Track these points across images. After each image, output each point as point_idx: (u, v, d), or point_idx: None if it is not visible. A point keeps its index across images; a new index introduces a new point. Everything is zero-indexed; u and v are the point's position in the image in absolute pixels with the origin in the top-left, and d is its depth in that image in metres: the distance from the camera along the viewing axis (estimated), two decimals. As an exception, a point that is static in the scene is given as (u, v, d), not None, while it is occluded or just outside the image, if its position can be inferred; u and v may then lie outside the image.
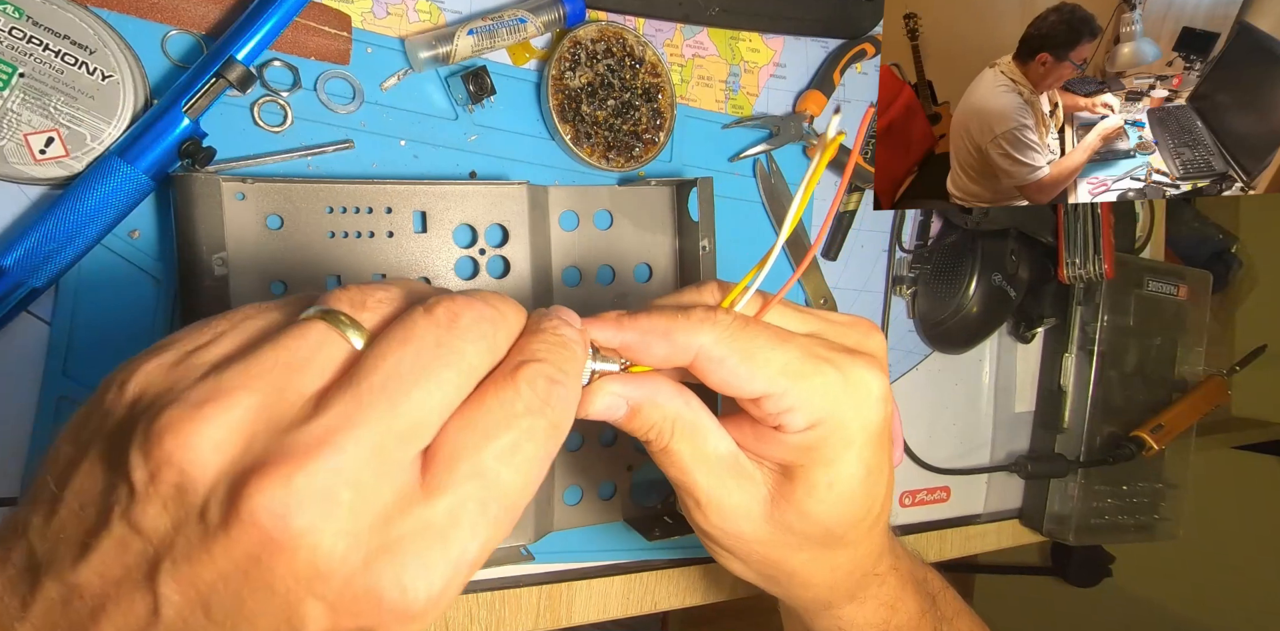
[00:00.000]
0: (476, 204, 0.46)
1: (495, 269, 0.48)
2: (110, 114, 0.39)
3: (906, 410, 0.69)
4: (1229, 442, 1.51)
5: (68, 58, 0.38)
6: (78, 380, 0.40)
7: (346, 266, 0.43)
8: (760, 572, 0.35)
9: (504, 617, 0.52)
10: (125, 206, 0.39)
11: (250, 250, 0.41)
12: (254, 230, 0.41)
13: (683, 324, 0.29)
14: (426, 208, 0.45)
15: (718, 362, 0.29)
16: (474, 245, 0.47)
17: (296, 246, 0.42)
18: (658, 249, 0.53)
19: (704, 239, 0.52)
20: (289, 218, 0.42)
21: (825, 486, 0.31)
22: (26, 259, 0.37)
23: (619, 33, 0.52)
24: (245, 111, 0.43)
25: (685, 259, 0.53)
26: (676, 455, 0.31)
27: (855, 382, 0.30)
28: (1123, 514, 0.79)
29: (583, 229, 0.51)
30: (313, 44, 0.44)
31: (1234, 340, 1.57)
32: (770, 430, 0.31)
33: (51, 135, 0.38)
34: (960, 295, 0.69)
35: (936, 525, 0.74)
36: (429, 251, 0.46)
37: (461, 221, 0.46)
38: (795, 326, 0.32)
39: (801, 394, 0.30)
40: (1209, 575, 1.60)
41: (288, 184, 0.42)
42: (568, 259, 0.51)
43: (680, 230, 0.53)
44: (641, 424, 0.31)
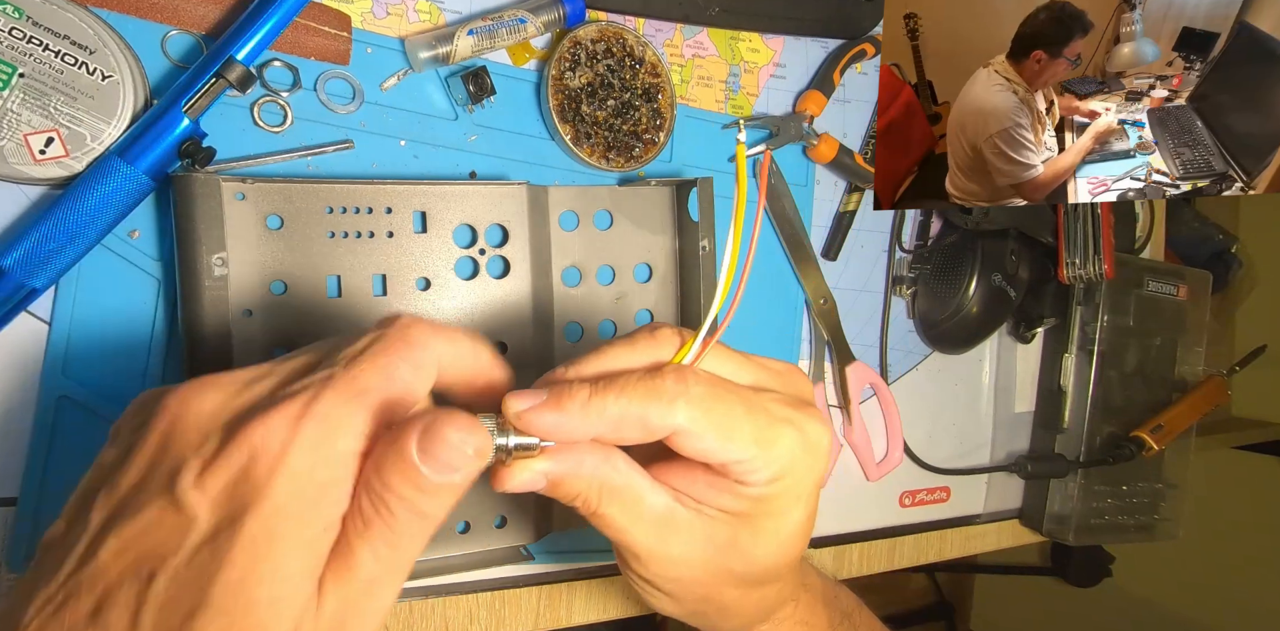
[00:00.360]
0: (476, 204, 0.46)
1: (495, 269, 0.48)
2: (110, 114, 0.39)
3: (906, 410, 0.69)
4: (1229, 443, 1.51)
5: (67, 58, 0.38)
6: (77, 380, 0.40)
7: (347, 266, 0.43)
8: (690, 609, 0.36)
9: (504, 617, 0.52)
10: (125, 207, 0.39)
11: (250, 250, 0.41)
12: (254, 230, 0.41)
13: (657, 407, 0.28)
14: (426, 208, 0.45)
15: (694, 438, 0.29)
16: (474, 245, 0.47)
17: (297, 246, 0.42)
18: (658, 249, 0.53)
19: (704, 239, 0.52)
20: (289, 218, 0.42)
21: (773, 533, 0.32)
22: (26, 259, 0.37)
23: (619, 33, 0.52)
24: (245, 111, 0.43)
25: (685, 259, 0.53)
26: (608, 518, 0.31)
27: (812, 441, 0.31)
28: (1122, 514, 0.79)
29: (583, 229, 0.51)
30: (313, 44, 0.44)
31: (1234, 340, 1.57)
32: (725, 481, 0.31)
33: (51, 135, 0.38)
34: (960, 295, 0.69)
35: (936, 525, 0.74)
36: (429, 251, 0.46)
37: (461, 221, 0.46)
38: (736, 374, 0.32)
39: (769, 457, 0.30)
40: (1209, 575, 1.60)
41: (287, 184, 0.42)
42: (568, 259, 0.51)
43: (680, 230, 0.53)
44: (566, 493, 0.30)
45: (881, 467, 0.68)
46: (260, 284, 0.41)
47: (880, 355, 0.68)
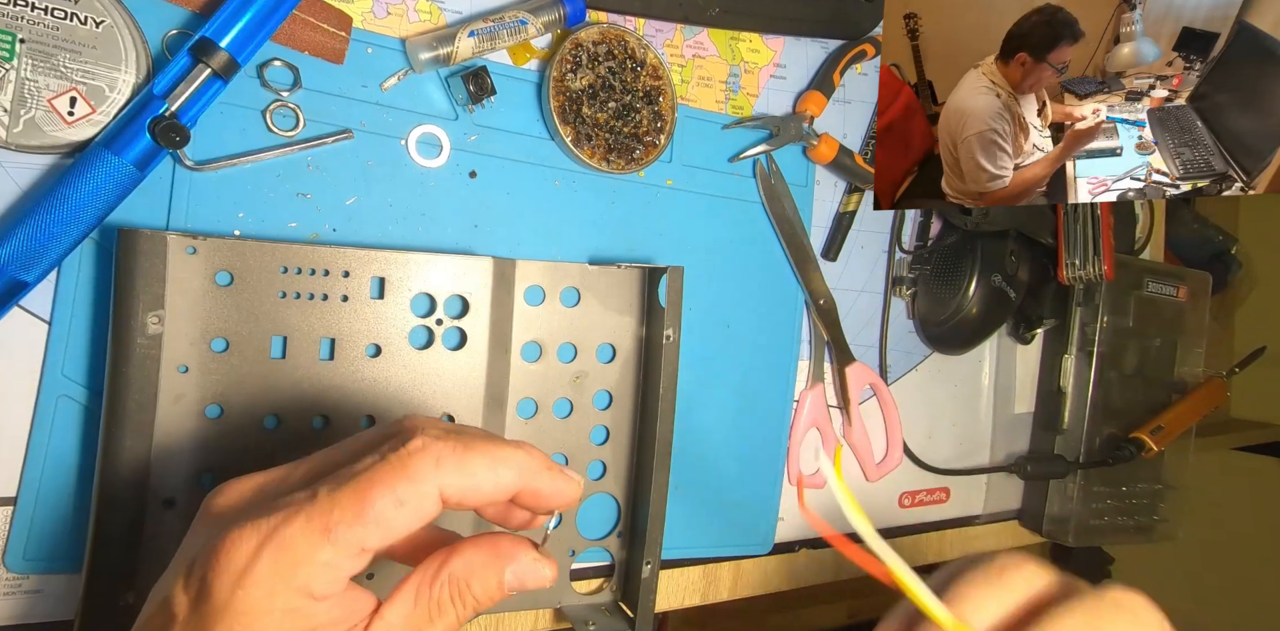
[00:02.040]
0: (439, 273, 0.46)
1: (451, 340, 0.47)
2: (117, 60, 0.39)
3: (906, 411, 0.69)
4: (1228, 444, 1.51)
5: (57, 13, 0.38)
6: (77, 380, 0.40)
7: (294, 327, 0.42)
8: None
9: (505, 617, 0.52)
10: (115, 197, 0.38)
11: (195, 305, 0.40)
12: (200, 285, 0.40)
13: None
14: (386, 274, 0.44)
15: None
16: (431, 315, 0.46)
17: (244, 303, 0.41)
18: (623, 331, 0.52)
19: (669, 328, 0.50)
20: (240, 275, 0.41)
21: None
22: (17, 254, 0.36)
23: (620, 35, 0.52)
24: (257, 115, 0.43)
25: (650, 345, 0.52)
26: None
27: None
28: (1122, 515, 0.79)
29: (548, 304, 0.50)
30: (309, 39, 0.44)
31: (1233, 341, 1.57)
32: None
33: (72, 94, 0.38)
34: (960, 296, 0.69)
35: (936, 526, 0.74)
36: (383, 318, 0.44)
37: (421, 290, 0.45)
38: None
39: None
40: (1208, 576, 1.60)
41: (242, 241, 0.41)
42: (529, 333, 0.49)
43: (648, 315, 0.52)
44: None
45: (881, 468, 0.68)
46: (200, 339, 0.40)
47: (880, 356, 0.68)
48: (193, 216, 0.42)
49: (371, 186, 0.47)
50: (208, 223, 0.43)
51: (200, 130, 0.41)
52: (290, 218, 0.45)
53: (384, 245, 0.47)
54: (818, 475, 0.64)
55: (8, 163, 0.38)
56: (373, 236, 0.47)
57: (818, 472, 0.64)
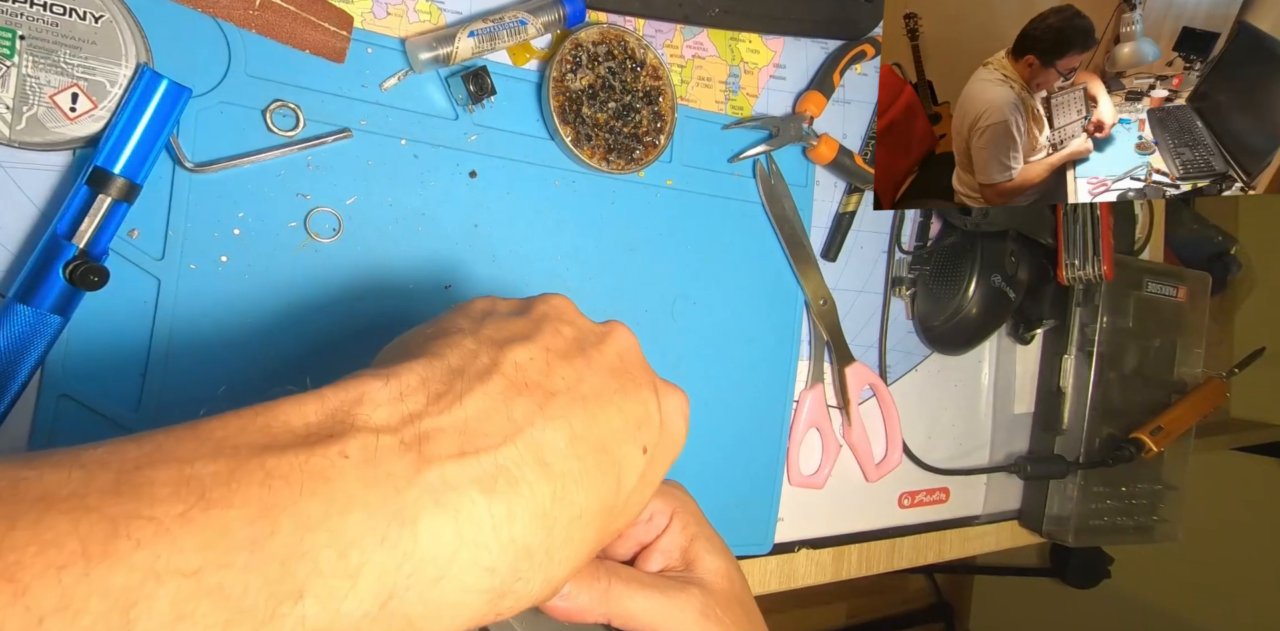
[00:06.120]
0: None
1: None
2: (117, 55, 0.39)
3: (906, 411, 0.69)
4: (1228, 444, 1.51)
5: (55, 8, 0.38)
6: (78, 379, 0.40)
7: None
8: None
9: (503, 618, 0.52)
10: (44, 346, 0.37)
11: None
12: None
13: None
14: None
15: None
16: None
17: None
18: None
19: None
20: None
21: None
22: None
23: (620, 35, 0.52)
24: (258, 115, 0.43)
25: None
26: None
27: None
28: (1122, 515, 0.79)
29: None
30: (310, 37, 0.44)
31: (1233, 342, 1.57)
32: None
33: (74, 90, 0.38)
34: (960, 296, 0.69)
35: (936, 526, 0.74)
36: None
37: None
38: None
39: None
40: (1208, 576, 1.60)
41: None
42: None
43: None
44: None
45: (881, 468, 0.68)
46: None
47: (879, 356, 0.68)
48: (192, 217, 0.42)
49: (371, 186, 0.47)
50: (207, 222, 0.43)
51: (200, 130, 0.41)
52: (290, 218, 0.45)
53: (384, 245, 0.47)
54: (817, 474, 0.64)
55: (9, 162, 0.38)
56: (373, 236, 0.47)
57: (817, 472, 0.64)
